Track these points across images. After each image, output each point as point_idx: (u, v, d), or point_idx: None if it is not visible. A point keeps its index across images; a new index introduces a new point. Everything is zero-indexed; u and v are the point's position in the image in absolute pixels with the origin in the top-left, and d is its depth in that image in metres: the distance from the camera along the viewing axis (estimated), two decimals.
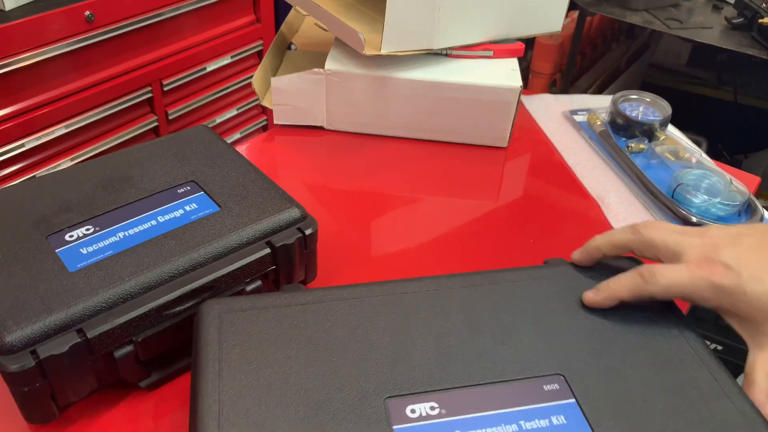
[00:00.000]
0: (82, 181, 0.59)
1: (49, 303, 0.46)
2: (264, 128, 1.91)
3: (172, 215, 0.55)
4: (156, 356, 0.51)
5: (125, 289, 0.48)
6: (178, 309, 0.49)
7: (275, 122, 0.87)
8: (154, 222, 0.54)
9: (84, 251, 0.51)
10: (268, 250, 0.53)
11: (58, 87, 1.21)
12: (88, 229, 0.53)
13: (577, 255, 0.54)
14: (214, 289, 0.51)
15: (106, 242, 0.52)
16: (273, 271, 0.55)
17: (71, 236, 0.52)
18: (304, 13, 1.00)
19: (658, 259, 0.49)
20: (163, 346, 0.50)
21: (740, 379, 0.97)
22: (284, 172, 0.77)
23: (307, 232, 0.55)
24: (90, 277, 0.48)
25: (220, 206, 0.56)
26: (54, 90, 1.19)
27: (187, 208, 0.56)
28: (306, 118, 0.85)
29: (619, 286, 0.48)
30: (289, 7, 0.96)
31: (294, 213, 0.56)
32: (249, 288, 0.54)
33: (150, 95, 1.46)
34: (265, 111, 1.88)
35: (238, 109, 1.76)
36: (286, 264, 0.55)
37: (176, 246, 0.51)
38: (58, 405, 0.47)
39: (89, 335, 0.45)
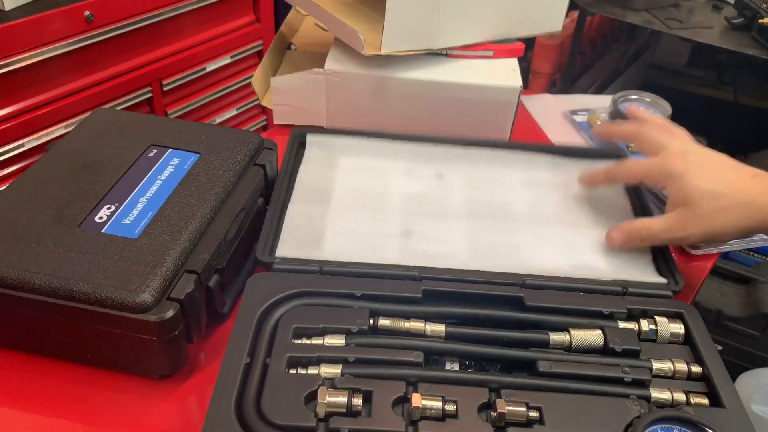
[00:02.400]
0: (51, 181, 0.60)
1: (146, 262, 0.52)
2: (264, 128, 1.92)
3: (167, 172, 0.62)
4: (230, 280, 0.60)
5: (196, 227, 0.56)
6: (236, 230, 0.60)
7: (275, 122, 0.86)
8: (159, 182, 0.61)
9: (127, 221, 0.56)
10: (261, 170, 0.66)
11: (58, 87, 1.21)
12: (109, 208, 0.58)
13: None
14: (244, 209, 0.62)
15: (138, 209, 0.58)
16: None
17: (100, 218, 0.57)
18: (304, 13, 1.01)
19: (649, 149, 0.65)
20: (234, 266, 0.61)
21: (740, 380, 0.94)
22: None
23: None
24: (156, 233, 0.55)
25: (198, 153, 0.65)
26: (54, 90, 1.19)
27: (173, 162, 0.64)
28: (306, 117, 0.85)
29: (599, 171, 0.70)
30: (289, 7, 0.96)
31: (255, 137, 0.69)
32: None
33: (150, 95, 1.46)
34: (265, 111, 1.88)
35: (237, 109, 1.77)
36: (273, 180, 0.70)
37: (198, 187, 0.61)
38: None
39: (198, 270, 0.53)
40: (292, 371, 0.51)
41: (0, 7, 1.08)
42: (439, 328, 0.55)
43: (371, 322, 0.55)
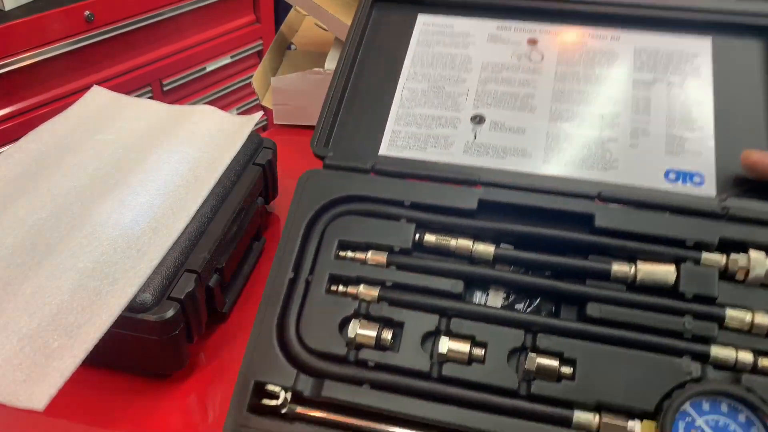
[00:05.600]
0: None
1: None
2: (264, 128, 1.75)
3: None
4: (229, 279, 0.60)
5: (195, 226, 0.56)
6: (235, 229, 0.59)
7: (275, 122, 0.86)
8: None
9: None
10: (260, 170, 0.65)
11: (58, 87, 1.18)
12: None
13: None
14: (244, 208, 0.62)
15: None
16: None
17: None
18: (304, 13, 1.00)
19: None
20: (234, 266, 0.61)
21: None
22: (284, 172, 0.71)
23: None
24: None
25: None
26: (54, 90, 1.17)
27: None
28: (306, 117, 0.84)
29: None
30: (289, 7, 0.95)
31: (254, 137, 0.67)
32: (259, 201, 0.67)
33: (150, 95, 1.44)
34: (265, 111, 1.66)
35: (238, 109, 1.74)
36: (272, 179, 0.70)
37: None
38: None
39: (198, 269, 0.52)
40: (333, 288, 0.52)
41: (0, 7, 1.05)
42: (488, 249, 0.52)
43: (416, 237, 0.53)
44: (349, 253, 0.53)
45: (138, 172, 0.59)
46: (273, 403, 0.48)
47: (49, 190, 0.56)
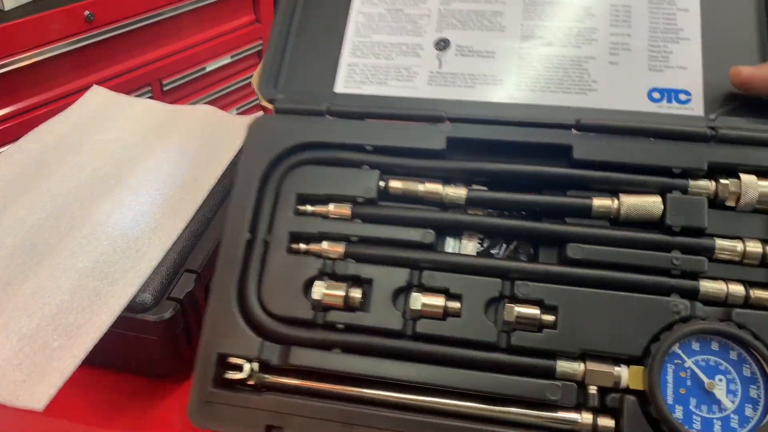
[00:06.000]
0: None
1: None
2: None
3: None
4: None
5: (195, 226, 0.54)
6: None
7: None
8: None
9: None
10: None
11: (58, 87, 1.18)
12: None
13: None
14: None
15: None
16: None
17: None
18: None
19: None
20: None
21: None
22: None
23: None
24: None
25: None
26: (54, 90, 1.17)
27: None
28: None
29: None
30: None
31: None
32: None
33: (150, 95, 1.41)
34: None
35: (237, 109, 1.72)
36: None
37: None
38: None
39: (198, 269, 0.51)
40: (294, 246, 0.48)
41: (0, 7, 1.06)
42: (460, 192, 0.47)
43: (381, 184, 0.48)
44: (309, 208, 0.49)
45: (138, 172, 0.58)
46: (238, 376, 0.45)
47: (49, 190, 0.56)
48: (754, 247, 0.43)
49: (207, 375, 0.45)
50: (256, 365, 0.45)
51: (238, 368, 0.45)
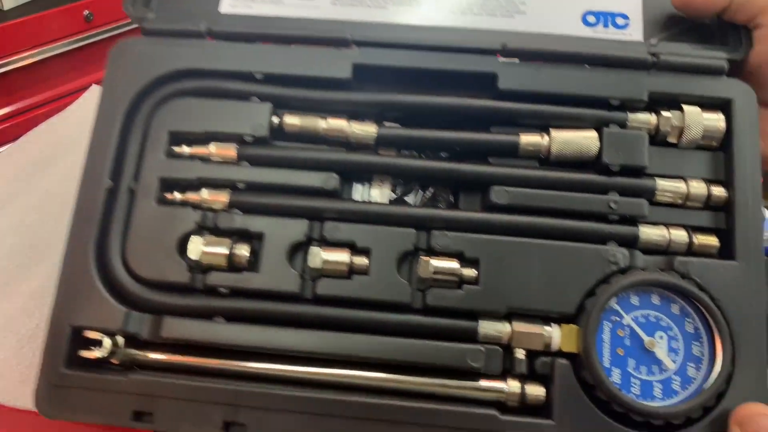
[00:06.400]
0: None
1: None
2: None
3: None
4: None
5: None
6: None
7: None
8: None
9: None
10: None
11: (57, 87, 1.12)
12: None
13: None
14: None
15: None
16: None
17: None
18: None
19: None
20: None
21: None
22: None
23: None
24: None
25: None
26: (53, 90, 1.11)
27: None
28: None
29: None
30: None
31: None
32: None
33: None
34: None
35: None
36: None
37: None
38: None
39: None
40: (167, 196, 0.39)
41: None
42: (368, 129, 0.40)
43: (274, 120, 0.40)
44: (186, 149, 0.40)
45: None
46: (96, 354, 0.36)
47: (48, 190, 0.56)
48: (698, 187, 0.38)
49: (58, 353, 0.37)
50: (120, 340, 0.37)
51: (97, 344, 0.37)
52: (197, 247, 0.37)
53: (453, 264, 0.37)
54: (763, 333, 0.35)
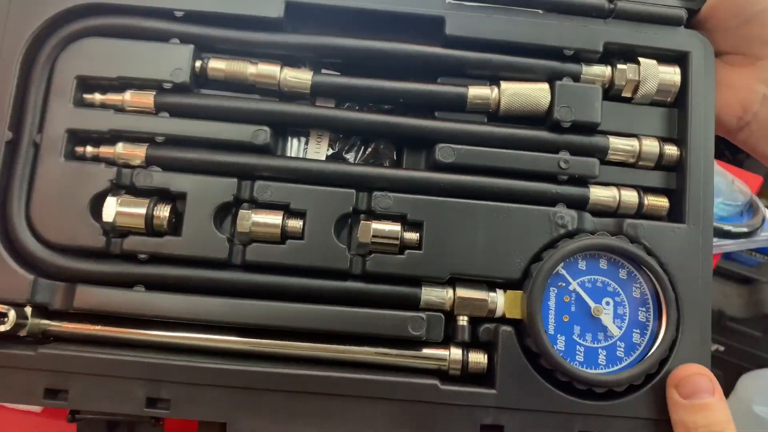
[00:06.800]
0: None
1: None
2: None
3: None
4: None
5: None
6: None
7: None
8: None
9: None
10: None
11: None
12: None
13: None
14: None
15: None
16: None
17: None
18: None
19: None
20: None
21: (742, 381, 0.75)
22: None
23: None
24: None
25: None
26: None
27: None
28: None
29: None
30: None
31: None
32: None
33: None
34: None
35: None
36: None
37: None
38: None
39: None
40: (77, 150, 0.35)
41: None
42: (303, 77, 0.36)
43: (197, 65, 0.36)
44: (97, 96, 0.36)
45: None
46: (1, 328, 0.33)
47: None
48: (651, 146, 0.37)
49: None
50: (28, 310, 0.33)
51: (1, 318, 0.33)
52: (112, 209, 0.34)
53: (395, 227, 0.34)
54: (708, 298, 0.35)
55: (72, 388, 0.33)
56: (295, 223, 0.34)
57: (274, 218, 0.34)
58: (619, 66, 0.37)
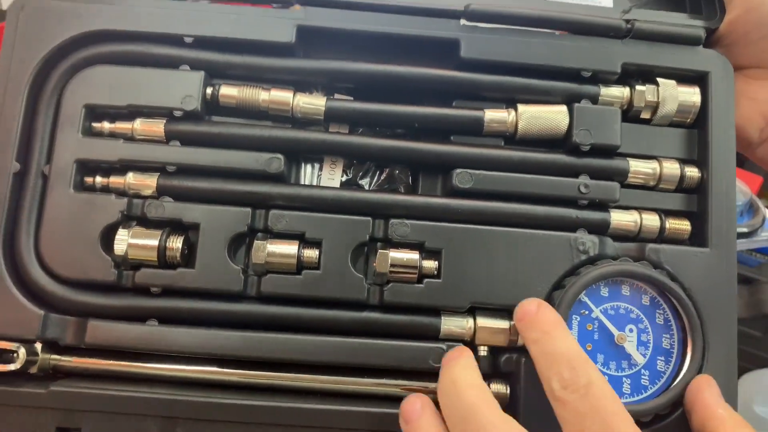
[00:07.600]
0: None
1: None
2: None
3: None
4: None
5: None
6: None
7: None
8: None
9: None
10: None
11: None
12: None
13: None
14: None
15: None
16: None
17: None
18: None
19: None
20: None
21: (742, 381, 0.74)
22: None
23: None
24: None
25: None
26: None
27: None
28: None
29: None
30: None
31: None
32: None
33: None
34: None
35: None
36: None
37: None
38: None
39: None
40: (86, 180, 0.34)
41: None
42: (317, 101, 0.36)
43: (208, 91, 0.35)
44: (106, 125, 0.35)
45: None
46: (10, 367, 0.32)
47: None
48: (672, 168, 0.36)
49: None
50: (38, 346, 0.33)
51: (10, 355, 0.32)
52: (124, 241, 0.33)
53: (413, 256, 0.34)
54: (733, 323, 0.34)
55: (84, 427, 0.32)
56: (311, 253, 0.34)
57: (290, 248, 0.33)
58: (638, 87, 0.36)
